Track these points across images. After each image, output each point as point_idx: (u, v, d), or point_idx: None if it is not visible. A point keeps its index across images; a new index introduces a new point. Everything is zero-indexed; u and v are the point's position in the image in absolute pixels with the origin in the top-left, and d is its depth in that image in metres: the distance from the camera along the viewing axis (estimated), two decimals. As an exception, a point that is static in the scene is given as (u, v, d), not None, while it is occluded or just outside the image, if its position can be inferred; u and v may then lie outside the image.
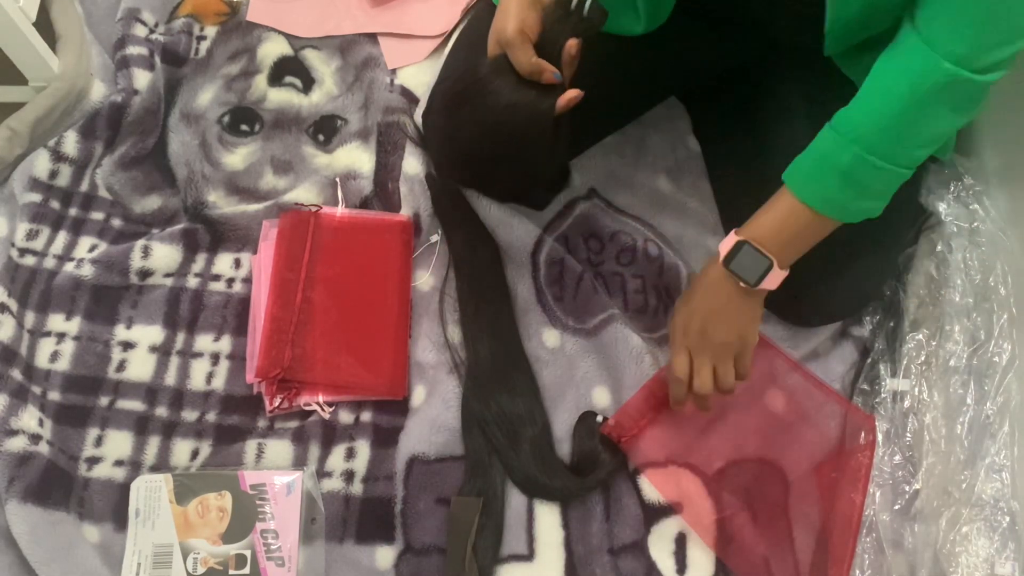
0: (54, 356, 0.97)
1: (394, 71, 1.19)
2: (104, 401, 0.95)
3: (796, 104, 0.93)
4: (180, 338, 0.99)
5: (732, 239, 0.80)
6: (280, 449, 0.92)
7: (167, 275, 1.02)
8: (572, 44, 0.74)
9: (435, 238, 1.05)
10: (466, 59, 1.06)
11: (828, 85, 0.85)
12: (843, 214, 0.75)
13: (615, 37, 0.84)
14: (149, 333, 0.99)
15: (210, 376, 0.97)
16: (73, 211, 1.07)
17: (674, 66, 0.98)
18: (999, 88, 0.69)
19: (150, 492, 0.87)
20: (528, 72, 0.76)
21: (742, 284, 0.79)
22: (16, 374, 0.95)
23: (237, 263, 1.04)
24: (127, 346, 0.98)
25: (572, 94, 0.76)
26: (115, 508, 0.89)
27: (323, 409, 0.94)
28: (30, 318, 0.99)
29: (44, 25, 1.11)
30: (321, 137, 1.14)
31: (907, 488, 0.85)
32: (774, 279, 0.79)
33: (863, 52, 0.83)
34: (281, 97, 1.17)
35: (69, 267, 1.01)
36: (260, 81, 1.18)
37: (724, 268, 0.80)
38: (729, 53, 0.98)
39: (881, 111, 0.70)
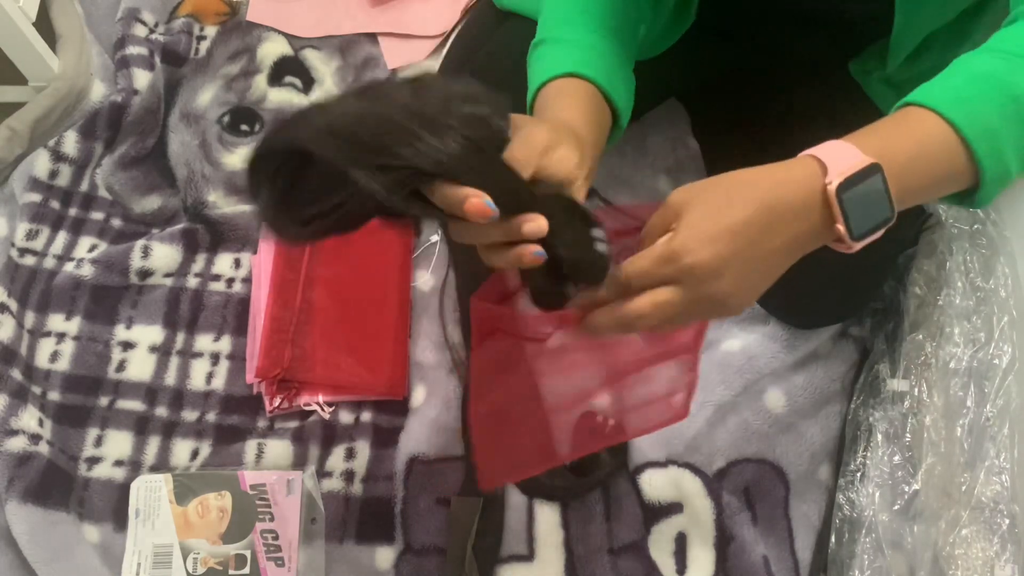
0: (54, 356, 0.97)
1: (394, 71, 1.19)
2: (104, 401, 0.95)
3: (797, 105, 0.93)
4: (180, 338, 0.99)
5: (854, 154, 0.51)
6: (280, 449, 0.92)
7: (167, 275, 1.02)
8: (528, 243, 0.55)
9: (435, 238, 1.05)
10: (464, 56, 1.06)
11: (830, 85, 0.85)
12: (992, 158, 0.52)
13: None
14: (149, 333, 0.99)
15: (210, 376, 0.97)
16: (73, 211, 1.07)
17: (677, 69, 0.98)
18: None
19: (150, 492, 0.87)
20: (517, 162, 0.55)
21: (839, 228, 0.52)
22: (16, 374, 0.95)
23: (237, 263, 1.04)
24: (127, 346, 0.98)
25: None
26: (115, 508, 0.89)
27: (323, 409, 0.94)
28: (30, 318, 0.99)
29: (44, 25, 1.11)
30: (321, 137, 1.14)
31: (906, 488, 0.85)
32: (871, 239, 0.53)
33: (873, 68, 0.83)
34: (281, 97, 1.17)
35: (69, 267, 1.01)
36: (260, 81, 1.18)
37: (831, 194, 0.51)
38: (734, 60, 0.98)
39: None
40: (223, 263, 1.04)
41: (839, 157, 0.51)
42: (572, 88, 0.66)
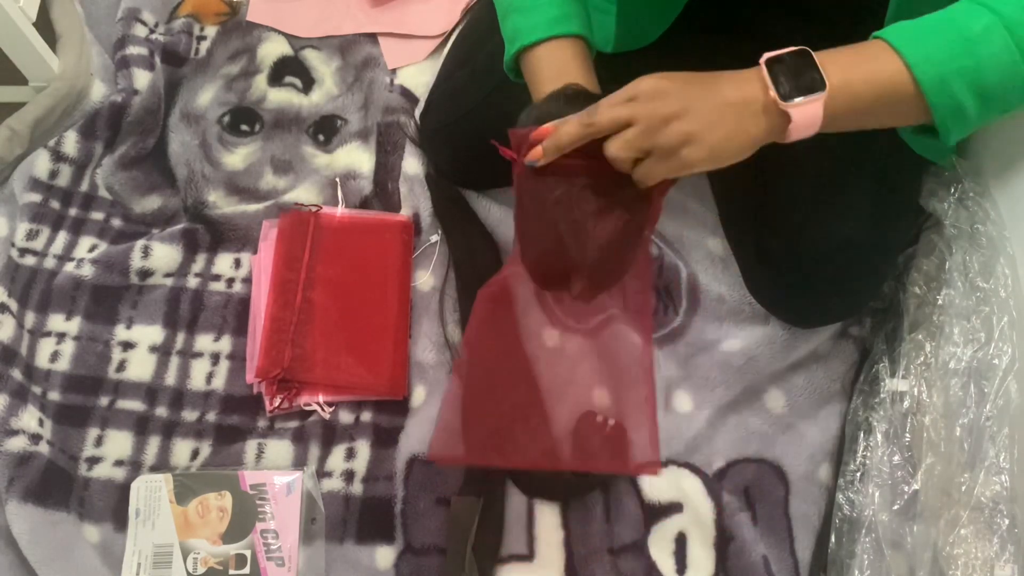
0: (54, 356, 0.97)
1: (394, 71, 1.19)
2: (104, 401, 0.95)
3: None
4: (180, 338, 0.99)
5: (791, 48, 0.62)
6: (280, 449, 0.92)
7: (167, 275, 1.02)
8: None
9: (435, 238, 1.05)
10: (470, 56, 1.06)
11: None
12: (936, 89, 0.60)
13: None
14: (149, 333, 0.99)
15: (210, 376, 0.97)
16: (73, 211, 1.07)
17: (675, 67, 0.98)
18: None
19: (150, 492, 0.87)
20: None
21: (771, 93, 0.61)
22: (16, 374, 0.95)
23: (237, 263, 1.04)
24: (127, 346, 0.98)
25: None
26: (115, 508, 0.90)
27: (323, 409, 0.94)
28: (30, 318, 0.99)
29: (44, 25, 1.11)
30: (321, 137, 1.14)
31: (906, 488, 0.85)
32: (809, 113, 0.61)
33: None
34: (281, 97, 1.17)
35: (69, 267, 1.01)
36: (260, 81, 1.18)
37: (762, 66, 0.62)
38: (732, 56, 0.98)
39: None
40: (223, 263, 1.04)
41: (779, 50, 0.62)
42: (566, 52, 0.74)
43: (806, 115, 0.61)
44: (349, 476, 0.91)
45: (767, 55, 0.62)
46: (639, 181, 0.66)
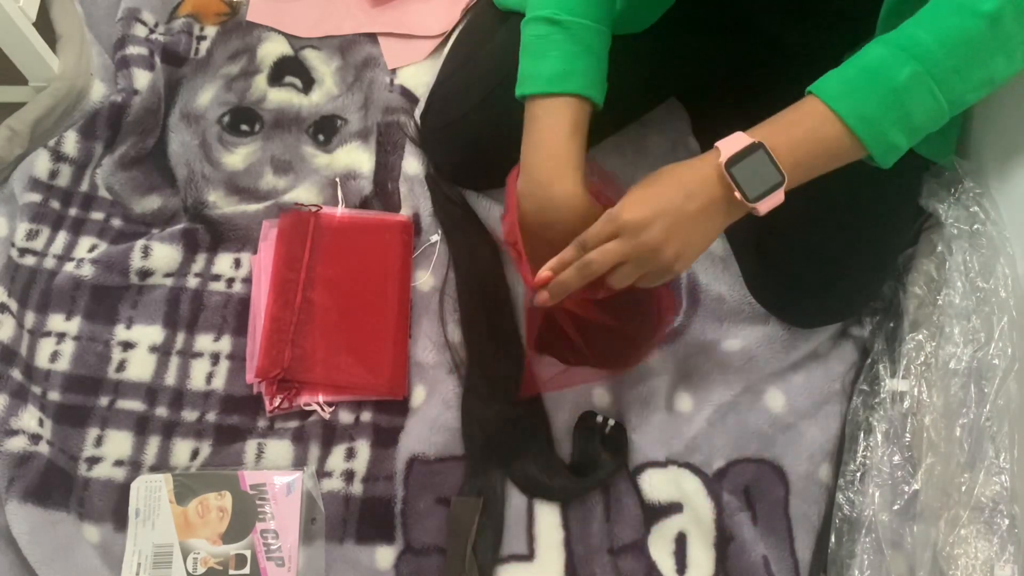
0: (54, 356, 0.97)
1: (394, 71, 1.19)
2: (104, 401, 0.95)
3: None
4: (180, 338, 0.99)
5: (743, 139, 0.68)
6: (280, 449, 0.92)
7: (167, 275, 1.02)
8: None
9: (435, 238, 1.05)
10: (466, 61, 1.06)
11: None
12: (874, 140, 0.67)
13: (616, 39, 0.84)
14: (149, 333, 0.99)
15: (210, 376, 0.97)
16: (73, 211, 1.07)
17: (675, 67, 0.98)
18: (999, 91, 0.70)
19: (150, 492, 0.87)
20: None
21: (736, 195, 0.68)
22: (16, 374, 0.95)
23: (237, 263, 1.04)
24: (127, 346, 0.98)
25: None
26: (115, 508, 0.90)
27: (323, 409, 0.94)
28: (30, 318, 0.99)
29: (44, 25, 1.11)
30: (321, 137, 1.14)
31: (906, 488, 0.85)
32: (773, 200, 0.68)
33: None
34: (281, 97, 1.17)
35: (69, 267, 1.01)
36: (260, 81, 1.18)
37: (723, 170, 0.68)
38: (731, 55, 0.98)
39: (953, 30, 0.65)
40: (223, 263, 1.04)
41: (731, 141, 0.68)
42: (559, 114, 0.78)
43: (770, 204, 0.69)
44: (349, 476, 0.91)
45: (723, 153, 0.68)
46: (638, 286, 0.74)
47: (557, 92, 0.77)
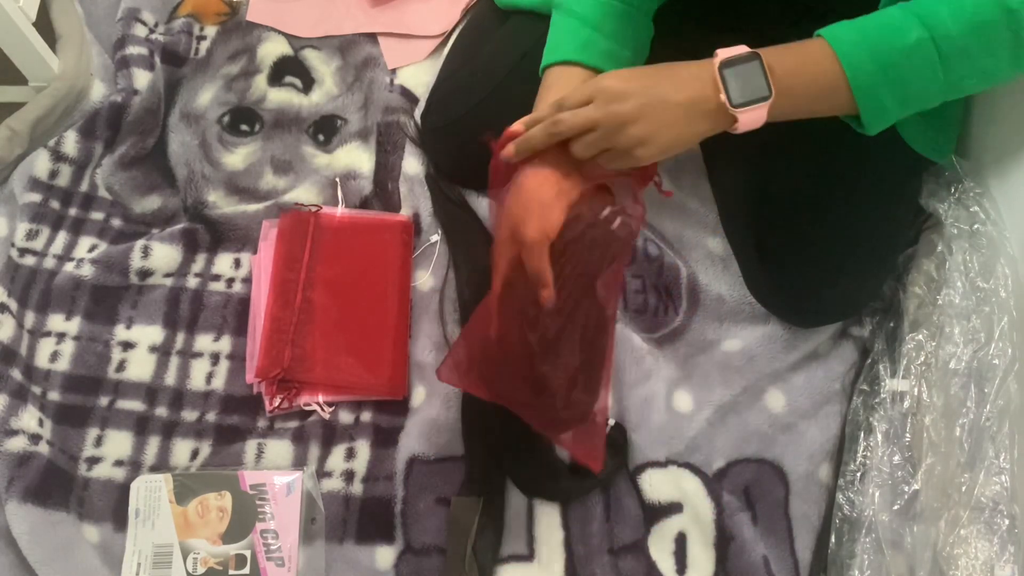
0: (54, 356, 0.97)
1: (394, 71, 1.19)
2: (104, 401, 0.95)
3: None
4: (180, 338, 0.99)
5: (743, 48, 0.69)
6: (280, 449, 0.92)
7: (167, 275, 1.02)
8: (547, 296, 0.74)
9: (435, 238, 1.05)
10: (464, 65, 1.06)
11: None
12: (864, 93, 0.68)
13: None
14: (149, 333, 0.99)
15: (210, 376, 0.97)
16: (73, 211, 1.07)
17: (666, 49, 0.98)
18: (1000, 91, 0.70)
19: (150, 492, 0.87)
20: (532, 275, 0.74)
21: (721, 96, 0.68)
22: (16, 374, 0.95)
23: (237, 263, 1.04)
24: (127, 346, 0.98)
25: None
26: (115, 508, 0.90)
27: (323, 409, 0.94)
28: (30, 318, 0.99)
29: (44, 25, 1.11)
30: (321, 137, 1.14)
31: (906, 488, 0.85)
32: (755, 116, 0.68)
33: None
34: (281, 97, 1.17)
35: (69, 267, 1.01)
36: (260, 81, 1.18)
37: (714, 69, 0.68)
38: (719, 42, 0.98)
39: (971, 13, 0.66)
40: (223, 263, 1.04)
41: (731, 48, 0.68)
42: (573, 78, 0.78)
43: (751, 118, 0.68)
44: (349, 476, 0.91)
45: (721, 55, 0.68)
46: (599, 164, 0.74)
47: (570, 60, 0.78)
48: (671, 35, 0.86)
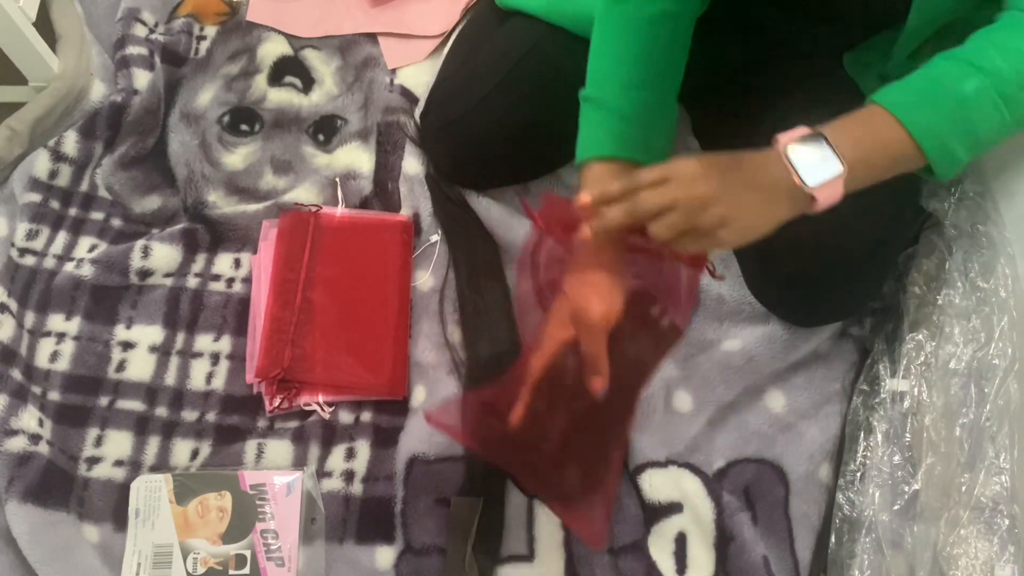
0: (54, 356, 0.97)
1: (394, 71, 1.19)
2: (104, 401, 0.95)
3: (798, 106, 0.93)
4: (180, 338, 0.99)
5: (803, 128, 0.67)
6: (280, 449, 0.92)
7: (167, 275, 1.02)
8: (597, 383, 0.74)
9: (435, 238, 1.05)
10: (464, 62, 1.06)
11: (830, 88, 0.85)
12: (936, 151, 0.66)
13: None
14: (149, 333, 0.99)
15: (210, 376, 0.97)
16: (73, 211, 1.07)
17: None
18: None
19: (150, 492, 0.87)
20: (589, 361, 0.74)
21: (796, 180, 0.65)
22: (16, 374, 0.95)
23: (237, 263, 1.04)
24: (127, 346, 0.98)
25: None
26: (115, 508, 0.90)
27: (323, 409, 0.94)
28: (30, 318, 0.99)
29: (44, 25, 1.11)
30: (321, 137, 1.14)
31: (906, 488, 0.85)
32: (831, 191, 0.66)
33: (873, 62, 0.83)
34: (281, 97, 1.17)
35: (69, 267, 1.01)
36: (260, 81, 1.18)
37: (782, 153, 0.66)
38: (734, 56, 0.98)
39: (1020, 51, 0.65)
40: (223, 263, 1.04)
41: (790, 132, 0.67)
42: (612, 173, 0.77)
43: (828, 195, 0.66)
44: (349, 476, 0.91)
45: (784, 140, 0.66)
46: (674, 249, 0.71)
47: (608, 156, 0.78)
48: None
